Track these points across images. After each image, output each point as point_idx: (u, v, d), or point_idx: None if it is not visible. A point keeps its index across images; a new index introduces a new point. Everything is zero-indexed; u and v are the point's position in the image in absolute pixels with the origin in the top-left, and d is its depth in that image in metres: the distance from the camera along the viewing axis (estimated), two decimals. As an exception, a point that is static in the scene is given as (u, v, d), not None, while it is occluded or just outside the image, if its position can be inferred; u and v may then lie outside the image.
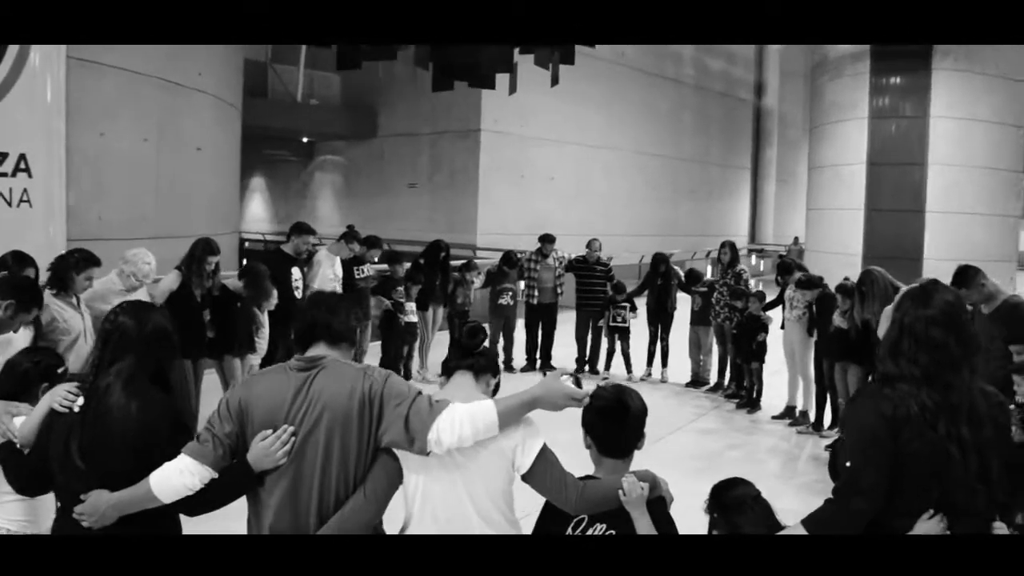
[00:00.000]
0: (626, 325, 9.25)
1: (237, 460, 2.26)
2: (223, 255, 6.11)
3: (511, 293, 9.52)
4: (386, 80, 19.80)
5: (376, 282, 8.42)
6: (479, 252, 16.40)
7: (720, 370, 8.88)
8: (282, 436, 2.21)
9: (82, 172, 7.64)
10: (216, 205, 10.42)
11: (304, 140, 23.91)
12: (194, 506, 2.29)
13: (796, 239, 23.01)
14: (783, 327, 7.74)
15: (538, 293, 9.60)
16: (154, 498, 2.24)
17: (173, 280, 5.50)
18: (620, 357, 9.36)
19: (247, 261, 7.15)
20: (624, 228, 21.23)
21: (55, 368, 2.87)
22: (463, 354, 2.50)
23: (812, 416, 7.39)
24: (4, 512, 2.76)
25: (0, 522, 2.76)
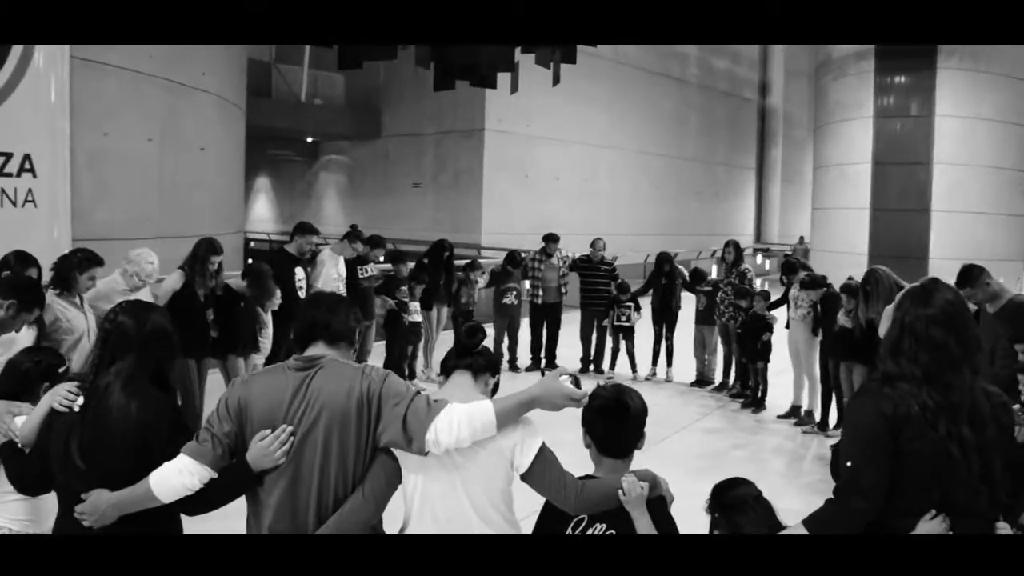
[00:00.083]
0: (630, 324, 9.23)
1: (236, 460, 2.26)
2: (228, 255, 6.11)
3: (515, 293, 9.51)
4: (390, 80, 19.83)
5: (380, 282, 8.42)
6: (484, 252, 16.39)
7: (725, 370, 8.85)
8: (281, 436, 2.21)
9: (86, 172, 7.66)
10: (220, 205, 10.43)
11: (308, 140, 23.94)
12: (194, 506, 2.29)
13: (801, 238, 22.98)
14: (788, 326, 7.71)
15: (542, 293, 9.57)
16: (154, 498, 2.24)
17: (176, 280, 5.51)
18: (625, 356, 9.35)
19: (251, 261, 7.15)
20: (629, 227, 21.22)
21: (56, 367, 2.87)
22: (462, 353, 2.50)
23: (817, 416, 7.37)
24: (6, 511, 2.76)
25: (2, 521, 2.76)
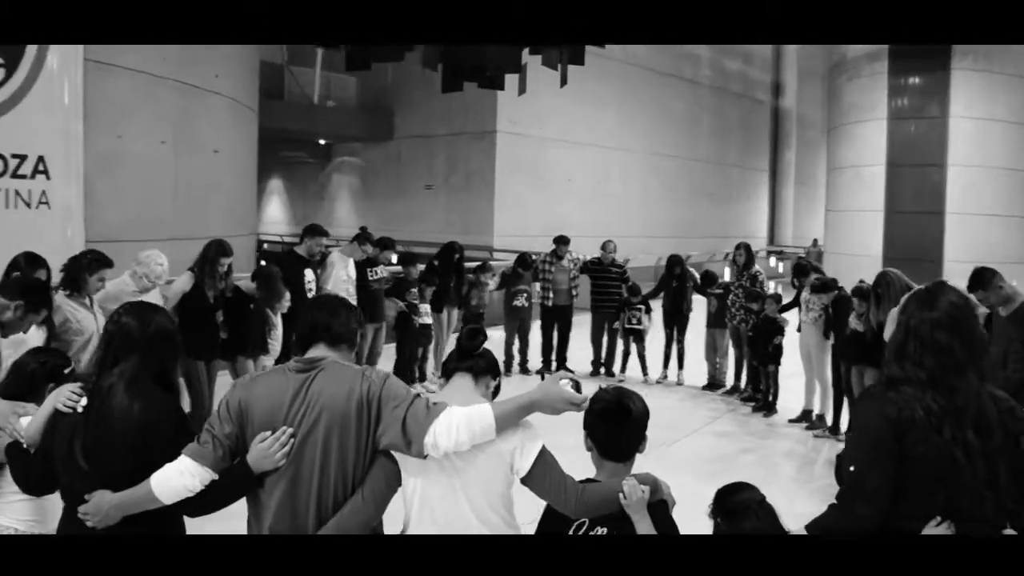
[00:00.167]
0: (641, 327, 9.20)
1: (237, 461, 2.27)
2: (241, 257, 6.12)
3: (526, 295, 9.50)
4: (402, 82, 19.85)
5: (390, 284, 8.42)
6: (496, 254, 16.39)
7: (736, 373, 8.81)
8: (281, 438, 2.21)
9: (99, 174, 7.69)
10: (233, 207, 10.46)
11: (321, 142, 24.01)
12: (195, 507, 2.29)
13: (815, 241, 22.85)
14: (799, 330, 7.66)
15: (553, 295, 9.56)
16: (155, 499, 2.25)
17: (186, 282, 5.54)
18: (636, 359, 9.32)
19: (263, 263, 7.17)
20: (641, 230, 21.17)
21: (62, 368, 2.89)
22: (462, 356, 2.49)
23: (829, 420, 7.31)
24: (12, 512, 2.78)
25: (8, 521, 2.78)
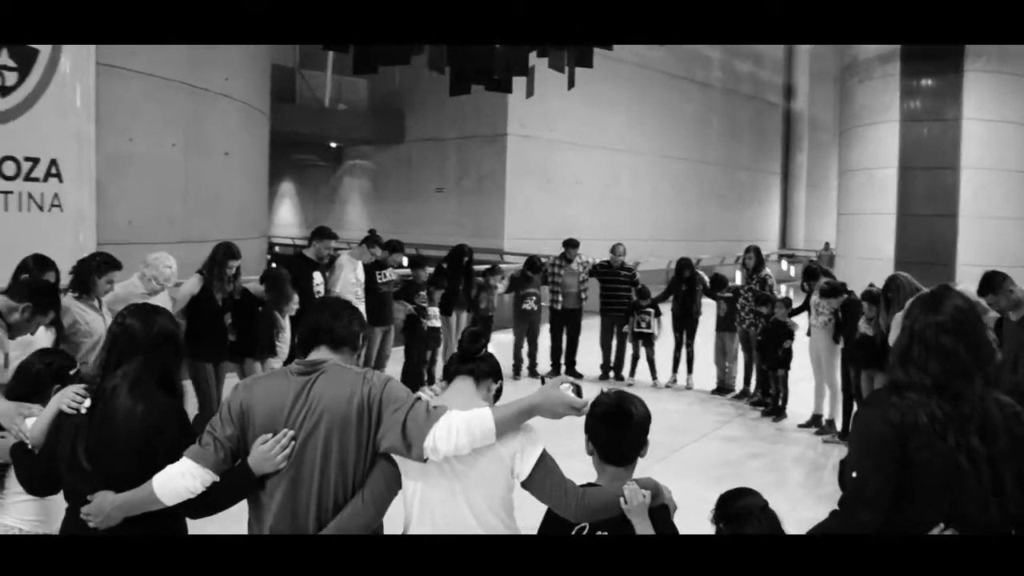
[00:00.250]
0: (650, 331, 9.17)
1: (238, 463, 2.27)
2: (252, 260, 6.11)
3: (535, 298, 9.50)
4: (413, 85, 19.87)
5: (399, 287, 8.43)
6: (506, 257, 16.39)
7: (745, 377, 8.77)
8: (282, 440, 2.22)
9: (111, 177, 7.73)
10: (244, 210, 10.49)
11: (332, 145, 24.07)
12: (196, 509, 2.30)
13: (827, 244, 22.74)
14: (809, 334, 7.62)
15: (562, 298, 9.54)
16: (157, 500, 2.26)
17: (194, 284, 5.57)
18: (645, 363, 9.30)
19: (274, 265, 7.19)
20: (652, 233, 21.11)
21: (67, 370, 2.91)
22: (464, 359, 2.48)
23: (839, 425, 7.26)
24: (16, 512, 2.81)
25: (12, 522, 2.80)
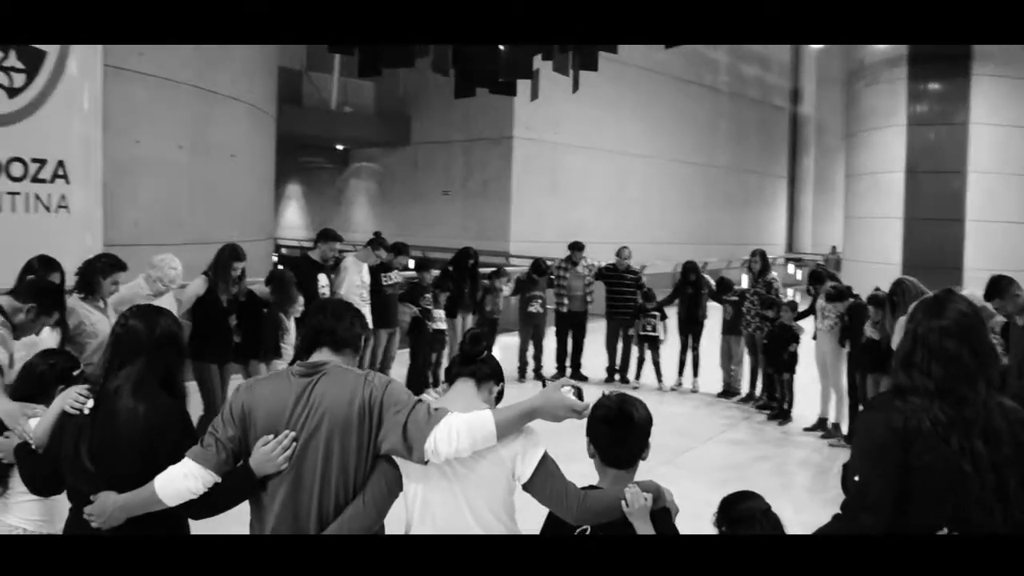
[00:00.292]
0: (656, 334, 9.16)
1: (240, 465, 2.28)
2: (258, 262, 6.12)
3: (541, 301, 9.49)
4: (419, 88, 19.89)
5: (404, 289, 8.44)
6: (512, 260, 16.38)
7: (751, 380, 8.75)
8: (283, 441, 2.22)
9: (118, 178, 7.76)
10: (251, 211, 10.51)
11: (339, 147, 24.11)
12: (198, 509, 2.31)
13: (834, 248, 22.69)
14: (815, 337, 7.60)
15: (568, 301, 9.54)
16: (159, 501, 2.26)
17: (200, 285, 5.58)
18: (651, 366, 9.28)
19: (279, 267, 7.20)
20: (658, 236, 21.08)
21: (71, 370, 2.92)
22: (465, 361, 2.48)
23: (845, 429, 7.24)
24: (20, 512, 2.81)
25: (16, 521, 2.81)
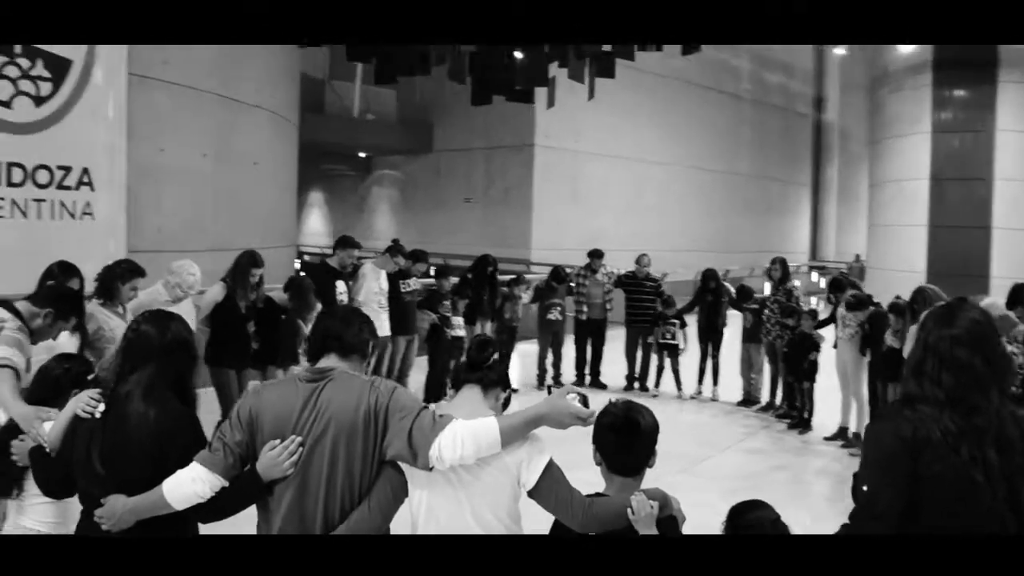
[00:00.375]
0: (675, 342, 9.11)
1: (247, 469, 2.29)
2: (280, 268, 6.15)
3: (560, 308, 9.48)
4: (441, 96, 19.97)
5: (423, 296, 8.46)
6: (534, 267, 16.37)
7: (771, 389, 8.67)
8: (289, 446, 2.23)
9: (141, 185, 7.85)
10: (273, 219, 10.60)
11: (361, 155, 24.27)
12: (206, 513, 2.33)
13: (857, 256, 22.47)
14: (836, 346, 7.52)
15: (587, 309, 9.52)
16: (167, 504, 2.29)
17: (218, 292, 5.62)
18: (670, 374, 9.23)
19: (299, 274, 7.24)
20: (680, 244, 20.98)
21: (85, 375, 2.96)
22: (472, 367, 2.49)
23: (865, 438, 7.15)
24: (35, 514, 2.85)
25: (31, 523, 2.85)
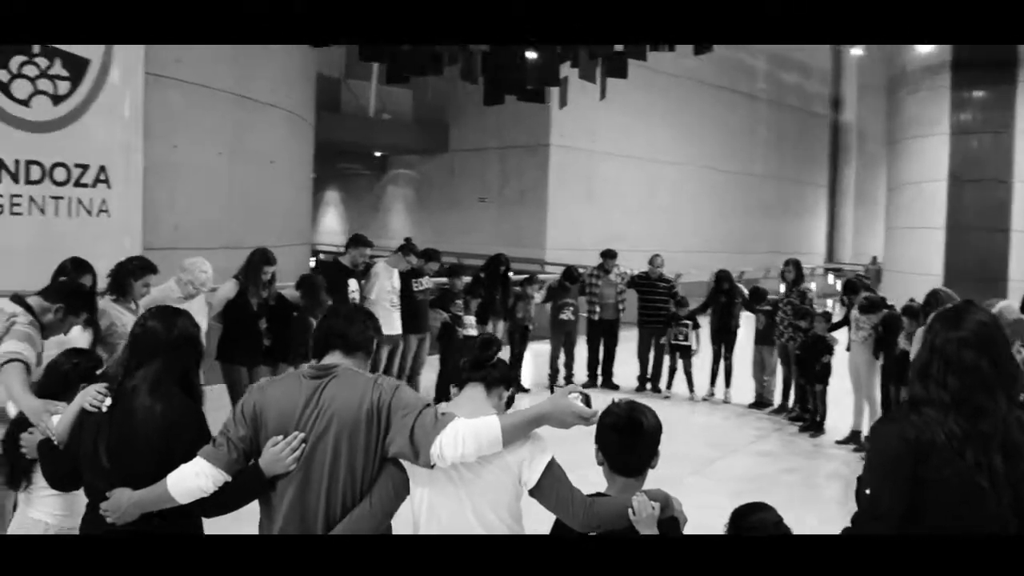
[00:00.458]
0: (688, 343, 9.07)
1: (250, 465, 2.31)
2: (296, 267, 6.17)
3: (572, 308, 9.46)
4: (456, 95, 19.99)
5: (435, 295, 8.47)
6: (548, 267, 16.36)
7: (784, 391, 8.61)
8: (292, 442, 2.24)
9: (157, 184, 7.91)
10: (289, 217, 10.64)
11: (377, 154, 24.33)
12: (208, 508, 2.35)
13: (874, 258, 22.31)
14: (849, 349, 7.47)
15: (600, 309, 9.49)
16: (171, 498, 2.30)
17: (230, 289, 5.65)
18: (682, 375, 9.19)
19: (309, 272, 7.28)
20: (695, 244, 20.89)
21: (94, 369, 3.00)
22: (475, 366, 2.48)
23: (878, 442, 7.08)
24: (43, 506, 2.89)
25: (39, 515, 2.89)
